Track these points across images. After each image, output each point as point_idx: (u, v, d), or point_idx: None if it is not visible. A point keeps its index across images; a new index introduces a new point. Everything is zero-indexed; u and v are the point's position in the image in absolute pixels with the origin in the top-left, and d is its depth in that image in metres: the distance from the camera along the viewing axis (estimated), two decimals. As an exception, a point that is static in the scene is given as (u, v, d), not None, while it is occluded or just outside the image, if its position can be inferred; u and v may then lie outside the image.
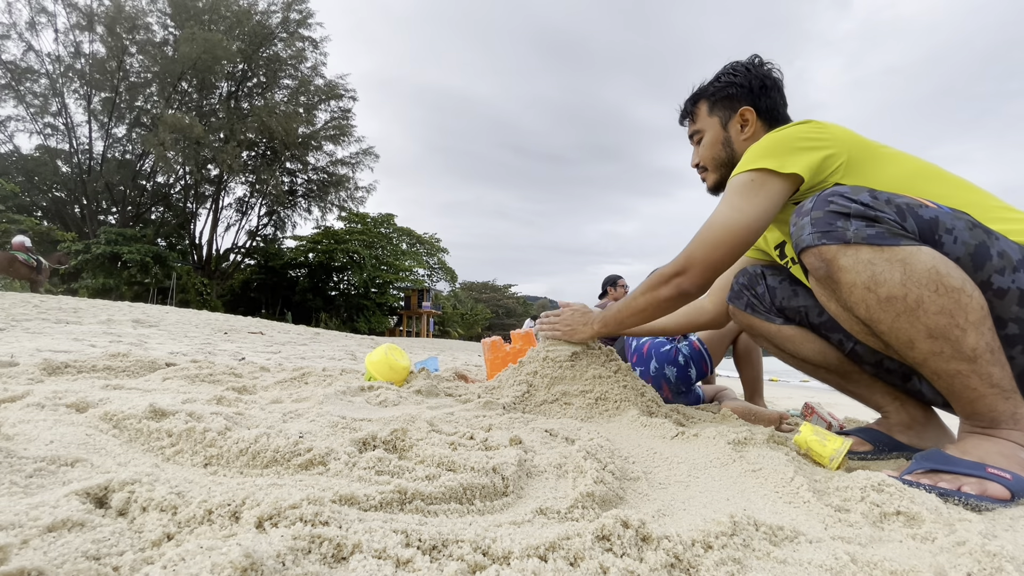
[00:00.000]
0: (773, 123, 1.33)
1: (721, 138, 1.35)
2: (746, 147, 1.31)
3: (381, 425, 0.94)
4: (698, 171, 1.44)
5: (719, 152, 1.36)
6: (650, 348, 2.15)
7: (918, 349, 0.85)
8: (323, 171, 28.28)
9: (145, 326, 5.36)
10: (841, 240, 0.85)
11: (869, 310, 0.86)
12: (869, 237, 0.84)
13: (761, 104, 1.32)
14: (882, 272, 0.83)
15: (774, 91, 1.34)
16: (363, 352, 5.27)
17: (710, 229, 1.11)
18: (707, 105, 1.38)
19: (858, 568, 0.51)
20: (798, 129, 1.08)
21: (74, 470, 0.63)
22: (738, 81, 1.33)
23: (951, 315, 0.80)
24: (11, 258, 9.21)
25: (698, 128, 1.40)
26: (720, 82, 1.36)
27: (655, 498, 0.76)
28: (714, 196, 1.43)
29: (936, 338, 0.82)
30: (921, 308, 0.81)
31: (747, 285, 1.41)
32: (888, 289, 0.83)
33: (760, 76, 1.33)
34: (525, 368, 1.53)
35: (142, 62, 22.86)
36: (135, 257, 19.85)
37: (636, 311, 1.29)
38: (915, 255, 0.82)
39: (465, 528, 0.54)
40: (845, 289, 0.87)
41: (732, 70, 1.35)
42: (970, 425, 0.88)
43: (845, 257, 0.85)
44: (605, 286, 4.36)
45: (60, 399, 0.96)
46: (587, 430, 1.12)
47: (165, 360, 1.86)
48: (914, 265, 0.82)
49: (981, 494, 0.75)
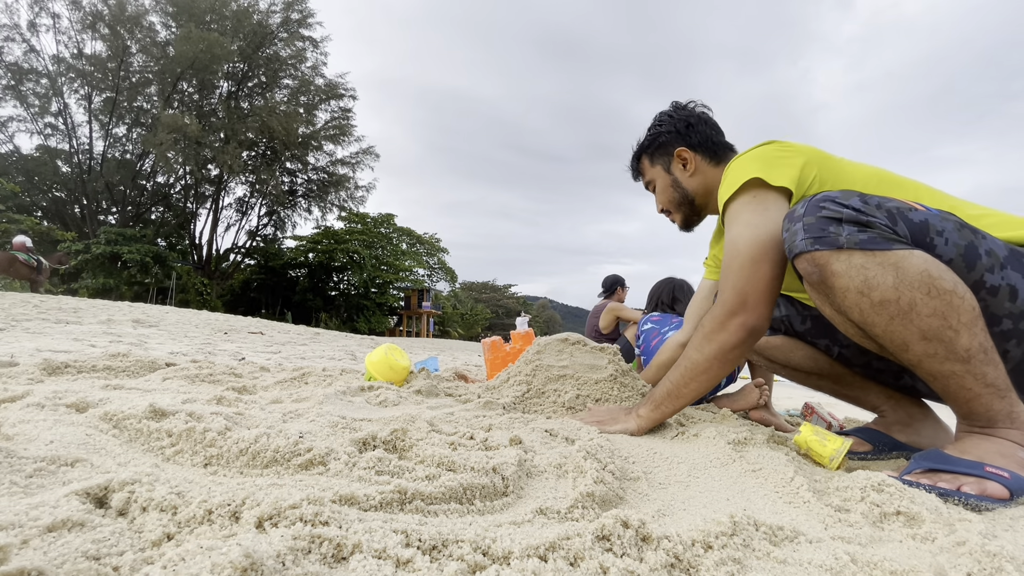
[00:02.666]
0: (712, 153, 1.38)
1: (669, 181, 1.42)
2: (695, 182, 1.38)
3: (381, 425, 0.94)
4: (666, 215, 1.51)
5: (672, 194, 1.43)
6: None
7: (912, 351, 0.85)
8: (323, 171, 28.27)
9: (145, 326, 5.36)
10: (834, 246, 0.86)
11: (863, 314, 0.87)
12: (862, 242, 0.84)
13: (692, 140, 1.38)
14: (875, 276, 0.83)
15: (701, 126, 1.39)
16: (363, 352, 5.27)
17: (740, 254, 1.05)
18: (647, 158, 1.46)
19: (858, 568, 0.51)
20: (767, 149, 1.11)
21: (74, 470, 0.63)
22: (664, 129, 1.41)
23: (944, 317, 0.81)
24: (11, 258, 9.20)
25: (648, 179, 1.49)
26: (650, 135, 1.44)
27: (655, 498, 0.76)
28: (687, 232, 1.51)
29: (930, 340, 0.83)
30: (914, 311, 0.82)
31: None
32: (881, 293, 0.83)
33: (683, 118, 1.40)
34: (525, 368, 1.53)
35: (143, 62, 22.86)
36: (135, 257, 19.84)
37: (698, 372, 1.09)
38: (907, 259, 0.83)
39: (465, 528, 0.54)
40: (839, 294, 0.88)
41: (657, 122, 1.44)
42: (967, 425, 0.89)
43: (838, 262, 0.86)
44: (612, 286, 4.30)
45: (60, 399, 0.96)
46: (587, 430, 1.12)
47: (165, 360, 1.86)
48: (906, 269, 0.82)
49: (980, 493, 0.75)
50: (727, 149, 1.38)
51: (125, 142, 24.33)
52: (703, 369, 1.08)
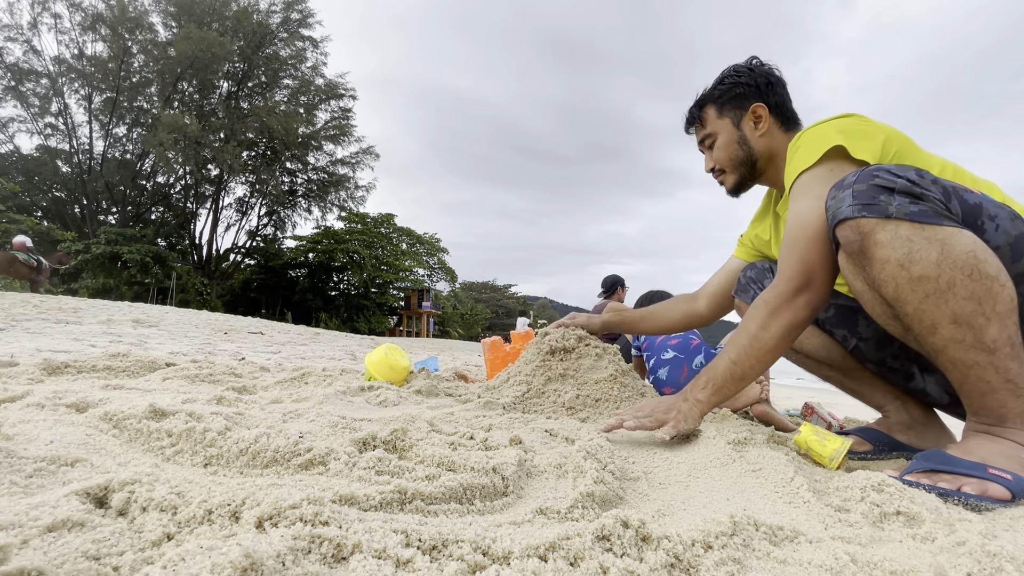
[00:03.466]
0: (785, 120, 1.31)
1: (736, 137, 1.33)
2: (763, 143, 1.30)
3: (381, 425, 0.94)
4: (714, 175, 1.40)
5: (736, 152, 1.33)
6: (700, 345, 2.18)
7: (940, 335, 0.83)
8: (323, 171, 28.28)
9: (145, 326, 5.36)
10: (882, 214, 0.83)
11: (898, 288, 0.84)
12: (911, 214, 0.82)
13: (771, 100, 1.30)
14: (919, 250, 0.81)
15: (780, 87, 1.33)
16: (363, 352, 5.27)
17: (809, 228, 1.00)
18: (715, 108, 1.36)
19: (858, 568, 0.51)
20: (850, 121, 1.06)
21: (74, 470, 0.63)
22: (743, 80, 1.31)
23: (979, 302, 0.79)
24: (11, 258, 9.21)
25: (708, 132, 1.38)
26: (725, 84, 1.34)
27: (655, 498, 0.76)
28: (734, 198, 1.40)
29: (960, 324, 0.81)
30: (951, 291, 0.80)
31: (755, 279, 1.40)
32: (922, 268, 0.81)
33: (764, 74, 1.32)
34: (525, 368, 1.53)
35: (143, 62, 22.87)
36: (135, 257, 19.85)
37: (765, 352, 1.04)
38: (955, 236, 0.80)
39: (465, 528, 0.54)
40: (877, 265, 0.85)
41: (735, 71, 1.34)
42: (976, 422, 0.87)
43: (883, 231, 0.83)
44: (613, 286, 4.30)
45: (60, 399, 0.96)
46: (587, 430, 1.12)
47: (165, 360, 1.86)
48: (953, 247, 0.80)
49: (981, 494, 0.74)
50: (797, 119, 1.33)
51: (125, 142, 24.36)
52: (770, 348, 1.03)
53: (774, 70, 1.35)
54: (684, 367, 2.11)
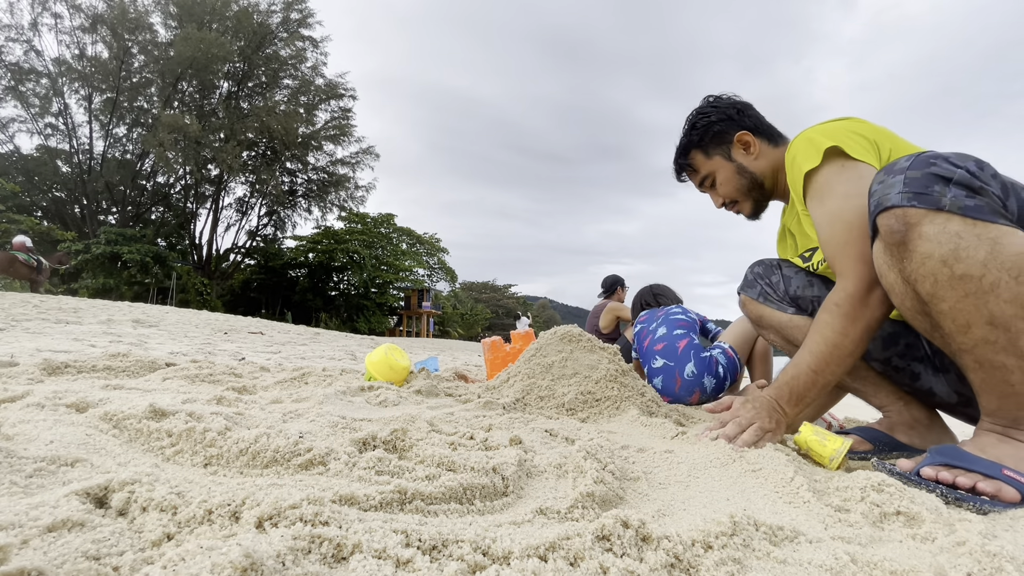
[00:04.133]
0: (770, 137, 1.35)
1: (734, 168, 1.36)
2: (761, 165, 1.33)
3: (381, 425, 0.94)
4: (727, 208, 1.42)
5: (739, 181, 1.36)
6: (688, 349, 2.10)
7: (972, 335, 0.81)
8: (323, 171, 28.28)
9: (145, 326, 5.36)
10: (934, 205, 0.79)
11: (936, 285, 0.81)
12: (966, 208, 0.78)
13: (749, 124, 1.34)
14: (967, 248, 0.77)
15: (750, 110, 1.36)
16: (363, 352, 5.27)
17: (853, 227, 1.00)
18: (701, 152, 1.39)
19: (858, 568, 0.51)
20: (847, 123, 1.07)
21: (74, 470, 0.63)
22: (714, 118, 1.36)
23: (1022, 306, 0.76)
24: (11, 258, 9.21)
25: (705, 174, 1.40)
26: (698, 128, 1.38)
27: (655, 498, 0.76)
28: (754, 220, 1.42)
29: (996, 327, 0.78)
30: (994, 292, 0.77)
31: (762, 274, 1.40)
32: (966, 267, 0.77)
33: (729, 104, 1.37)
34: (525, 368, 1.53)
35: (143, 62, 22.87)
36: (135, 257, 19.85)
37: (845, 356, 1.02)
38: (1008, 236, 0.77)
39: (465, 528, 0.54)
40: (917, 259, 0.82)
41: (700, 113, 1.39)
42: (990, 423, 0.87)
43: (931, 225, 0.79)
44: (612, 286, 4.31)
45: (60, 399, 0.96)
46: (587, 430, 1.12)
47: (165, 360, 1.86)
48: (1004, 247, 0.76)
49: (995, 493, 0.74)
50: (779, 132, 1.35)
51: (125, 142, 24.36)
52: (849, 352, 1.02)
53: (735, 98, 1.39)
54: (676, 376, 2.05)
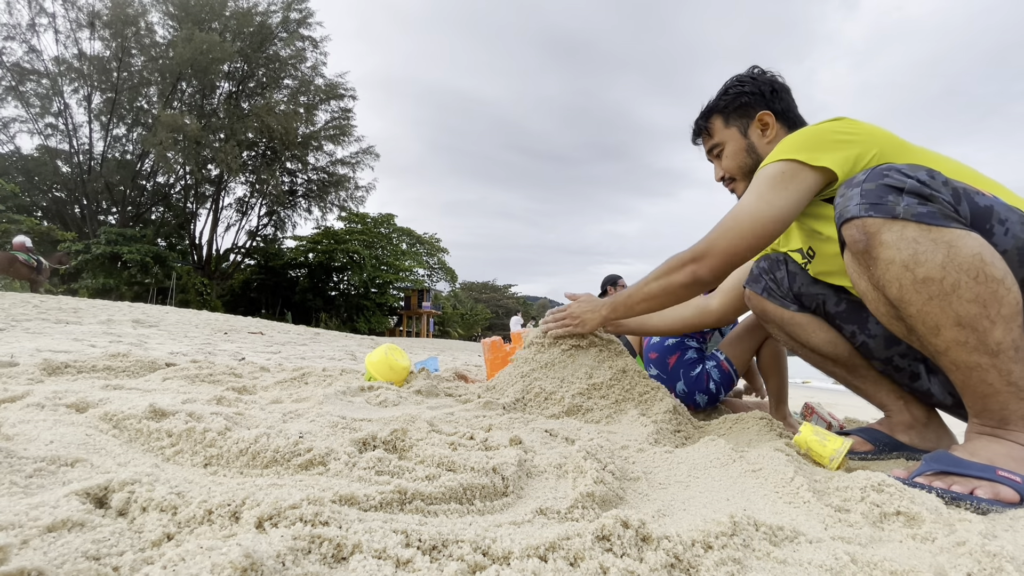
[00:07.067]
0: (791, 125, 1.33)
1: (744, 145, 1.36)
2: (770, 150, 1.30)
3: (381, 425, 0.94)
4: (724, 183, 1.44)
5: (744, 160, 1.37)
6: (677, 366, 2.03)
7: (943, 336, 0.83)
8: (323, 171, 28.29)
9: (145, 326, 5.36)
10: (889, 214, 0.83)
11: (902, 289, 0.84)
12: (919, 215, 0.81)
13: (776, 107, 1.33)
14: (924, 252, 0.81)
15: (785, 94, 1.35)
16: (363, 352, 5.27)
17: (736, 219, 1.10)
18: (721, 119, 1.39)
19: (858, 568, 0.51)
20: (831, 125, 1.08)
21: (74, 470, 0.63)
22: (748, 90, 1.34)
23: (984, 305, 0.79)
24: (11, 258, 9.21)
25: (716, 142, 1.41)
26: (730, 94, 1.37)
27: (655, 498, 0.76)
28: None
29: (963, 327, 0.80)
30: (956, 293, 0.79)
31: (767, 269, 1.40)
32: (927, 270, 0.81)
33: (768, 82, 1.35)
34: (525, 368, 1.53)
35: (143, 62, 22.87)
36: (135, 257, 19.85)
37: (648, 297, 1.27)
38: (962, 239, 0.80)
39: (465, 528, 0.54)
40: (881, 265, 0.85)
41: (738, 81, 1.37)
42: (979, 424, 0.87)
43: (889, 232, 0.83)
44: (605, 285, 4.40)
45: (60, 399, 0.96)
46: (587, 430, 1.12)
47: (165, 360, 1.86)
48: (959, 249, 0.79)
49: (993, 497, 0.74)
50: (804, 123, 1.35)
51: (125, 142, 24.37)
52: (652, 295, 1.27)
53: (777, 77, 1.37)
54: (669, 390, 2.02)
